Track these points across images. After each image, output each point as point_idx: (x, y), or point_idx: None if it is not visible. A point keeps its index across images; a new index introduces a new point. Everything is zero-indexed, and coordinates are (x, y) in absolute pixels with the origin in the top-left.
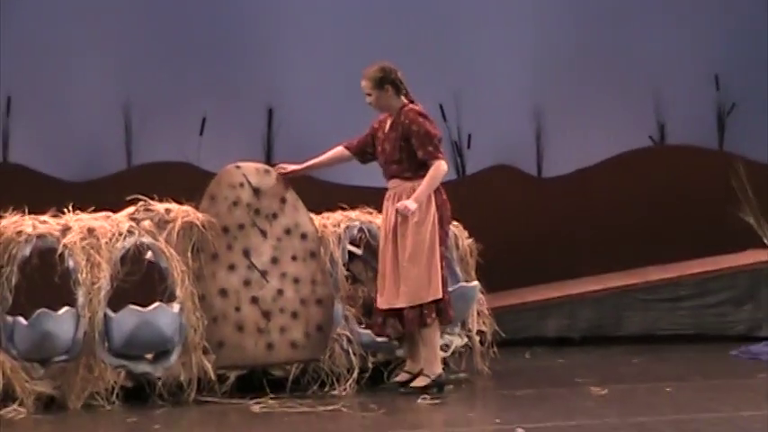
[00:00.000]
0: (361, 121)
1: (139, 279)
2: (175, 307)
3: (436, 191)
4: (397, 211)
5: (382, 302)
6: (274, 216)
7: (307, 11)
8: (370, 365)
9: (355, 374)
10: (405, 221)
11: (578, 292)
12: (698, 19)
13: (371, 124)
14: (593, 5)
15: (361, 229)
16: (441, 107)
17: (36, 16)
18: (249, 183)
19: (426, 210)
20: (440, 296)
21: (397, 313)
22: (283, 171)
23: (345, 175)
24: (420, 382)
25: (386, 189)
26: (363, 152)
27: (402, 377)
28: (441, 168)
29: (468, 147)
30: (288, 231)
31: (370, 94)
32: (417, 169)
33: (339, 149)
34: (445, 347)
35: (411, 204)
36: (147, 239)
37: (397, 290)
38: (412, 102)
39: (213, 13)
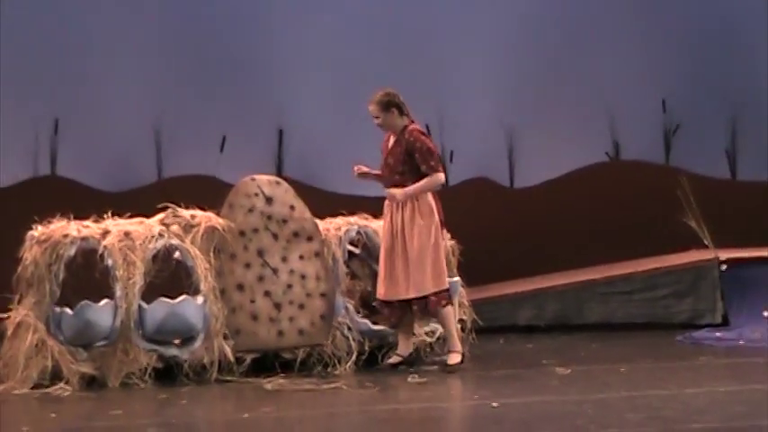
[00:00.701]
0: (358, 141)
1: (168, 275)
2: (199, 299)
3: (435, 198)
4: (394, 197)
5: (391, 294)
6: (284, 221)
7: (312, 45)
8: (366, 349)
9: (354, 357)
10: (412, 223)
11: (545, 286)
12: (647, 51)
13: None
14: (557, 40)
15: (358, 232)
16: (427, 126)
17: (80, 51)
18: (263, 192)
19: (430, 213)
20: (446, 287)
21: (405, 303)
22: (360, 170)
23: (345, 185)
24: (454, 359)
25: (381, 197)
26: None
27: (394, 359)
28: (438, 179)
29: (451, 161)
30: (296, 234)
31: (377, 117)
32: (417, 180)
33: None
34: (431, 334)
35: (399, 194)
36: (175, 241)
37: (408, 283)
38: (413, 122)
39: (232, 48)
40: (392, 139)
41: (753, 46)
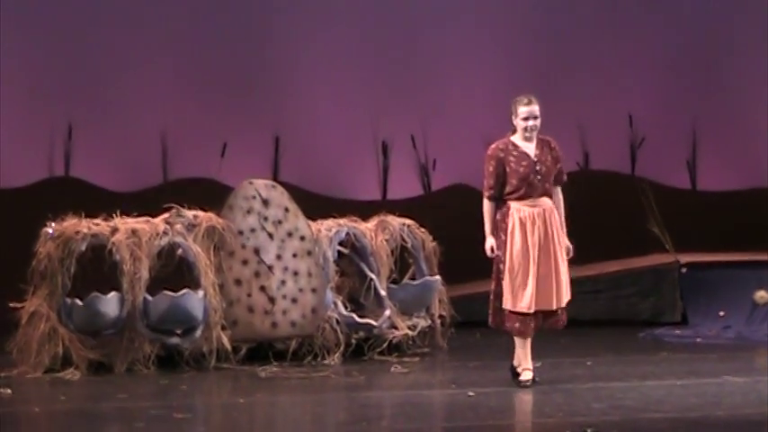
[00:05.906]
0: (348, 150)
1: (172, 270)
2: (200, 293)
3: None
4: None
5: (546, 303)
6: (279, 222)
7: (308, 60)
8: (353, 341)
9: (341, 348)
10: (559, 234)
11: None
12: (615, 70)
13: (494, 156)
14: (532, 61)
15: (348, 233)
16: (412, 137)
17: (94, 64)
18: (260, 195)
19: None
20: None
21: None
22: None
23: (336, 190)
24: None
25: (370, 201)
26: (499, 189)
27: (527, 375)
28: None
29: (434, 169)
30: (290, 234)
31: (538, 118)
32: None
33: (492, 206)
34: (412, 327)
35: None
36: (178, 239)
37: (561, 293)
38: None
39: (233, 64)
40: (532, 147)
41: (712, 67)
